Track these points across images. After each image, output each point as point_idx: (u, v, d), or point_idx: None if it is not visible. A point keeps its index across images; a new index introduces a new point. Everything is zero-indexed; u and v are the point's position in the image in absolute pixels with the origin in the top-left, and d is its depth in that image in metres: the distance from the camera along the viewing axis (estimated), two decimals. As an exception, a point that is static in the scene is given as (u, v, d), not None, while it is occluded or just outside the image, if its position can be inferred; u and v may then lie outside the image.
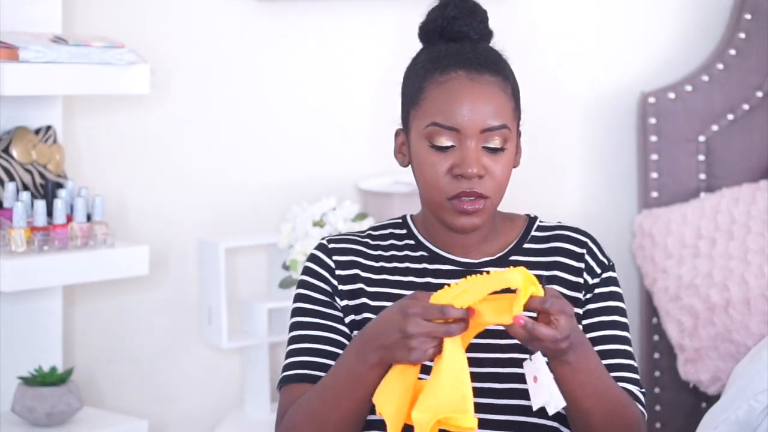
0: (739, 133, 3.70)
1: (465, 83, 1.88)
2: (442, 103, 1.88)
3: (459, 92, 1.88)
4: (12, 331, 3.02)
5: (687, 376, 3.32)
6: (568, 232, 2.00)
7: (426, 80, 1.91)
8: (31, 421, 2.91)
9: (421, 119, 1.90)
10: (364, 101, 3.56)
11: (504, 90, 1.90)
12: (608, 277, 1.98)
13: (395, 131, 1.98)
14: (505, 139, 1.89)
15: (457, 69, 1.89)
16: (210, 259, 3.25)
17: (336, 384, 1.83)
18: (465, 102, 1.87)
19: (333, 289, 1.96)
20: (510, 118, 1.90)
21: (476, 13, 1.95)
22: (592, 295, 1.96)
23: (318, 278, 1.98)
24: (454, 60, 1.90)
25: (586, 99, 3.82)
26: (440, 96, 1.89)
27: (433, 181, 1.90)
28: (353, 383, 1.80)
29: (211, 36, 3.37)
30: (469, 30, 1.94)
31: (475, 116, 1.87)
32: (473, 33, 1.94)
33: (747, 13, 3.71)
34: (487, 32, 1.96)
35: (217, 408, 3.43)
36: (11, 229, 2.83)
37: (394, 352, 1.74)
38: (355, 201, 3.47)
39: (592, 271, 1.97)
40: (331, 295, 1.96)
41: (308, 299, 1.97)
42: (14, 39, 2.83)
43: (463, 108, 1.87)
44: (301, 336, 1.95)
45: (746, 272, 3.27)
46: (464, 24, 1.94)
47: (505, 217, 2.02)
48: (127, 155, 3.28)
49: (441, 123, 1.88)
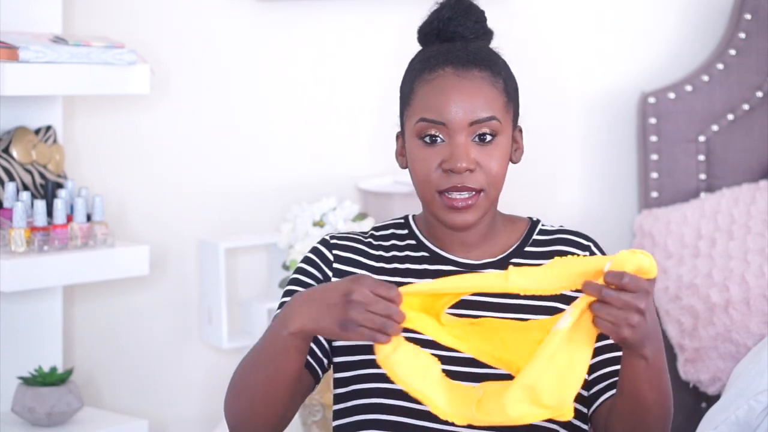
0: (739, 133, 3.70)
1: (452, 79, 1.89)
2: (429, 99, 1.89)
3: (446, 87, 1.89)
4: (12, 331, 3.02)
5: (687, 376, 3.32)
6: (570, 235, 2.00)
7: (416, 80, 1.92)
8: (31, 421, 2.91)
9: (412, 117, 1.92)
10: (365, 101, 3.56)
11: (493, 84, 1.90)
12: None
13: (396, 135, 1.99)
14: (495, 130, 1.89)
15: (445, 66, 1.90)
16: (210, 259, 3.25)
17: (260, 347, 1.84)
18: (452, 96, 1.88)
19: (326, 278, 1.97)
20: (500, 111, 1.90)
21: (471, 14, 1.95)
22: None
23: (313, 266, 1.99)
24: (443, 58, 1.91)
25: (586, 99, 3.82)
26: (428, 93, 1.90)
27: (424, 177, 1.90)
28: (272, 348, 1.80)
29: (211, 36, 3.37)
30: (465, 30, 1.94)
31: (463, 110, 1.88)
32: (469, 33, 1.95)
33: (747, 13, 3.70)
34: (484, 32, 1.96)
35: (217, 408, 3.43)
36: (11, 229, 2.83)
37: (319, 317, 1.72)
38: (355, 201, 3.47)
39: None
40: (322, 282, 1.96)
41: (300, 283, 1.98)
42: (14, 39, 2.83)
43: (450, 102, 1.88)
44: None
45: (746, 272, 3.27)
46: (459, 24, 1.94)
47: (507, 220, 2.02)
48: (127, 155, 3.28)
49: (429, 118, 1.89)
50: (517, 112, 1.96)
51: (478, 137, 1.89)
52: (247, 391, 1.86)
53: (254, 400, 1.85)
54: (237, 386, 1.88)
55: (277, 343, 1.80)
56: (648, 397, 1.78)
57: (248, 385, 1.85)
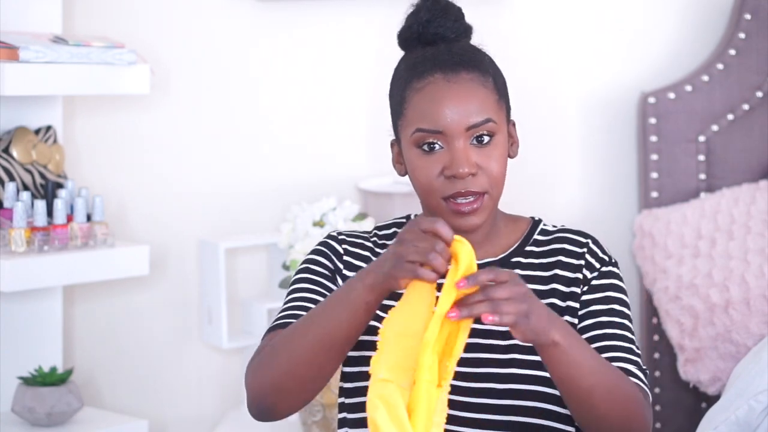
0: (739, 133, 3.70)
1: (442, 85, 1.89)
2: (423, 109, 1.89)
3: (438, 95, 1.89)
4: (12, 331, 3.02)
5: (687, 376, 3.32)
6: (570, 234, 2.00)
7: (406, 89, 1.92)
8: (31, 421, 2.91)
9: (407, 127, 1.92)
10: (365, 101, 3.56)
11: (484, 84, 1.90)
12: (608, 271, 1.97)
13: (390, 143, 2.00)
14: (492, 132, 1.90)
15: (434, 72, 1.90)
16: (210, 259, 3.25)
17: (326, 303, 1.81)
18: (445, 103, 1.88)
19: (337, 270, 1.97)
20: (494, 110, 1.90)
21: (449, 13, 1.95)
22: (588, 287, 1.95)
23: (324, 257, 1.98)
24: (430, 64, 1.91)
25: (586, 99, 3.82)
26: (421, 102, 1.90)
27: (427, 185, 1.90)
28: (343, 302, 1.77)
29: (211, 36, 3.37)
30: (445, 30, 1.94)
31: (458, 116, 1.87)
32: (449, 33, 1.94)
33: (747, 13, 3.70)
34: (463, 29, 1.96)
35: (217, 408, 3.43)
36: (11, 229, 2.83)
37: (384, 267, 1.72)
38: (355, 201, 3.47)
39: (591, 266, 1.96)
40: (333, 272, 1.97)
41: (311, 271, 1.97)
42: (14, 39, 2.83)
43: (445, 110, 1.88)
44: (297, 297, 1.95)
45: (746, 272, 3.27)
46: (439, 25, 1.94)
47: (509, 219, 2.02)
48: (127, 155, 3.28)
49: (425, 128, 1.89)
50: (508, 107, 1.96)
51: (476, 139, 1.89)
52: (292, 352, 1.81)
53: (298, 362, 1.81)
54: (278, 348, 1.83)
55: (349, 295, 1.76)
56: (583, 382, 1.76)
57: (296, 346, 1.81)
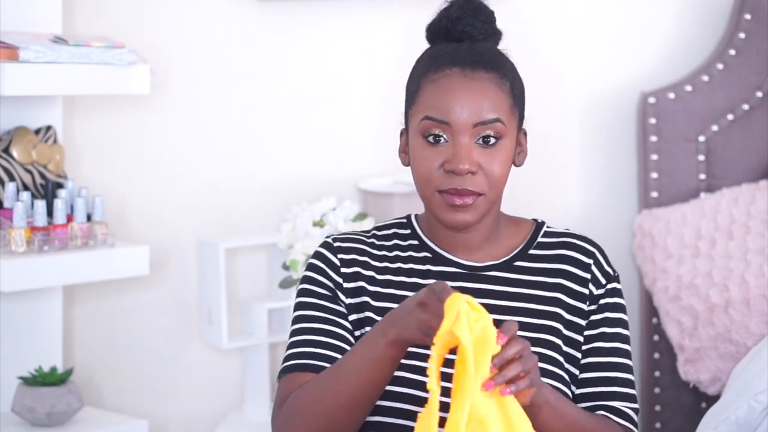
0: (739, 133, 3.70)
1: (458, 79, 1.89)
2: (435, 98, 1.89)
3: (451, 87, 1.88)
4: (12, 331, 3.02)
5: (687, 376, 3.32)
6: (576, 240, 1.99)
7: (422, 79, 1.92)
8: (31, 421, 2.91)
9: (416, 115, 1.91)
10: (365, 101, 3.56)
11: (500, 87, 1.90)
12: (613, 289, 1.97)
13: (400, 131, 1.99)
14: (499, 133, 1.89)
15: (452, 66, 1.90)
16: (210, 259, 3.25)
17: (350, 360, 1.81)
18: (457, 96, 1.88)
19: (337, 286, 1.96)
20: (506, 114, 1.90)
21: (480, 13, 1.95)
22: (597, 306, 1.96)
23: (322, 274, 1.97)
24: (450, 58, 1.91)
25: (586, 99, 3.82)
26: (434, 92, 1.89)
27: (425, 175, 1.90)
28: (367, 359, 1.78)
29: (211, 36, 3.37)
30: (473, 30, 1.94)
31: (467, 111, 1.87)
32: (477, 33, 1.94)
33: (747, 13, 3.71)
34: (492, 32, 1.96)
35: (217, 408, 3.43)
36: (11, 229, 2.83)
37: (408, 324, 1.73)
38: (355, 201, 3.47)
39: (598, 282, 1.96)
40: (334, 291, 1.96)
41: (311, 293, 1.97)
42: (14, 39, 2.83)
43: (455, 102, 1.87)
44: (304, 329, 1.94)
45: (746, 272, 3.27)
46: (467, 24, 1.94)
47: (511, 221, 2.01)
48: (127, 155, 3.28)
49: (433, 117, 1.88)
50: (522, 115, 1.95)
51: (482, 140, 1.89)
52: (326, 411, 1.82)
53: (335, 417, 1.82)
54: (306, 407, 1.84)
55: (373, 353, 1.78)
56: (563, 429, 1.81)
57: (330, 405, 1.82)
